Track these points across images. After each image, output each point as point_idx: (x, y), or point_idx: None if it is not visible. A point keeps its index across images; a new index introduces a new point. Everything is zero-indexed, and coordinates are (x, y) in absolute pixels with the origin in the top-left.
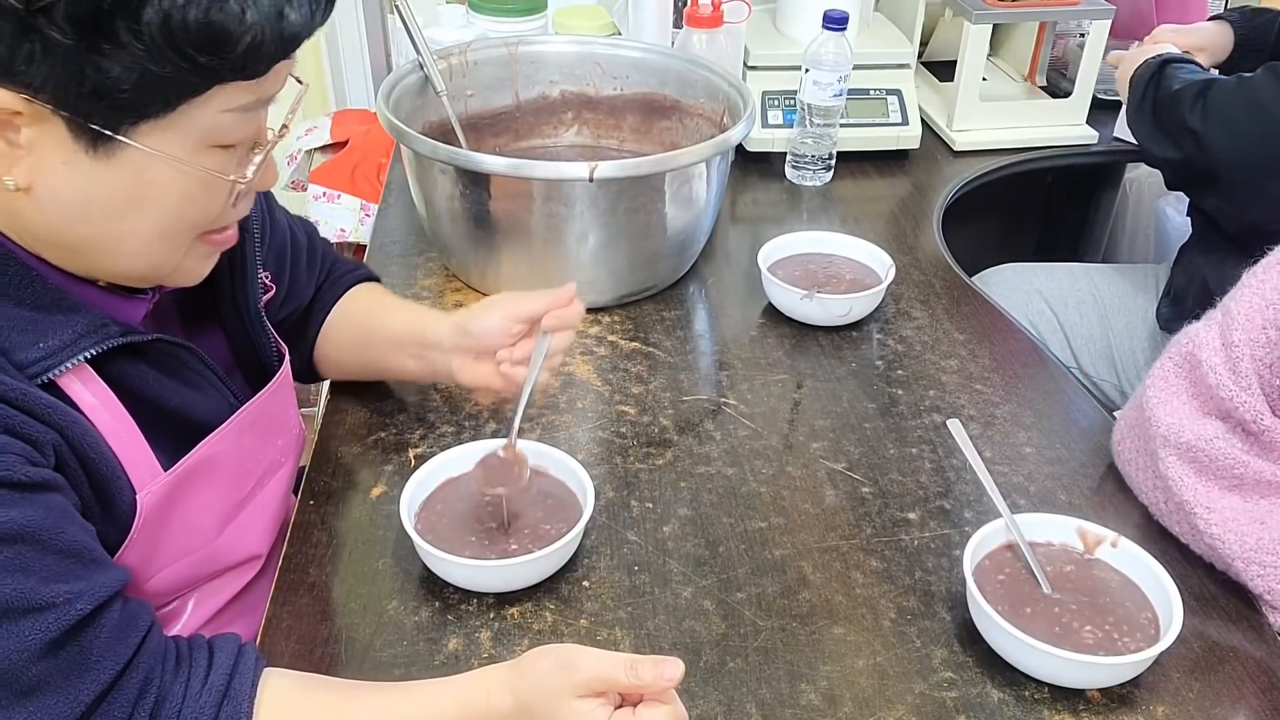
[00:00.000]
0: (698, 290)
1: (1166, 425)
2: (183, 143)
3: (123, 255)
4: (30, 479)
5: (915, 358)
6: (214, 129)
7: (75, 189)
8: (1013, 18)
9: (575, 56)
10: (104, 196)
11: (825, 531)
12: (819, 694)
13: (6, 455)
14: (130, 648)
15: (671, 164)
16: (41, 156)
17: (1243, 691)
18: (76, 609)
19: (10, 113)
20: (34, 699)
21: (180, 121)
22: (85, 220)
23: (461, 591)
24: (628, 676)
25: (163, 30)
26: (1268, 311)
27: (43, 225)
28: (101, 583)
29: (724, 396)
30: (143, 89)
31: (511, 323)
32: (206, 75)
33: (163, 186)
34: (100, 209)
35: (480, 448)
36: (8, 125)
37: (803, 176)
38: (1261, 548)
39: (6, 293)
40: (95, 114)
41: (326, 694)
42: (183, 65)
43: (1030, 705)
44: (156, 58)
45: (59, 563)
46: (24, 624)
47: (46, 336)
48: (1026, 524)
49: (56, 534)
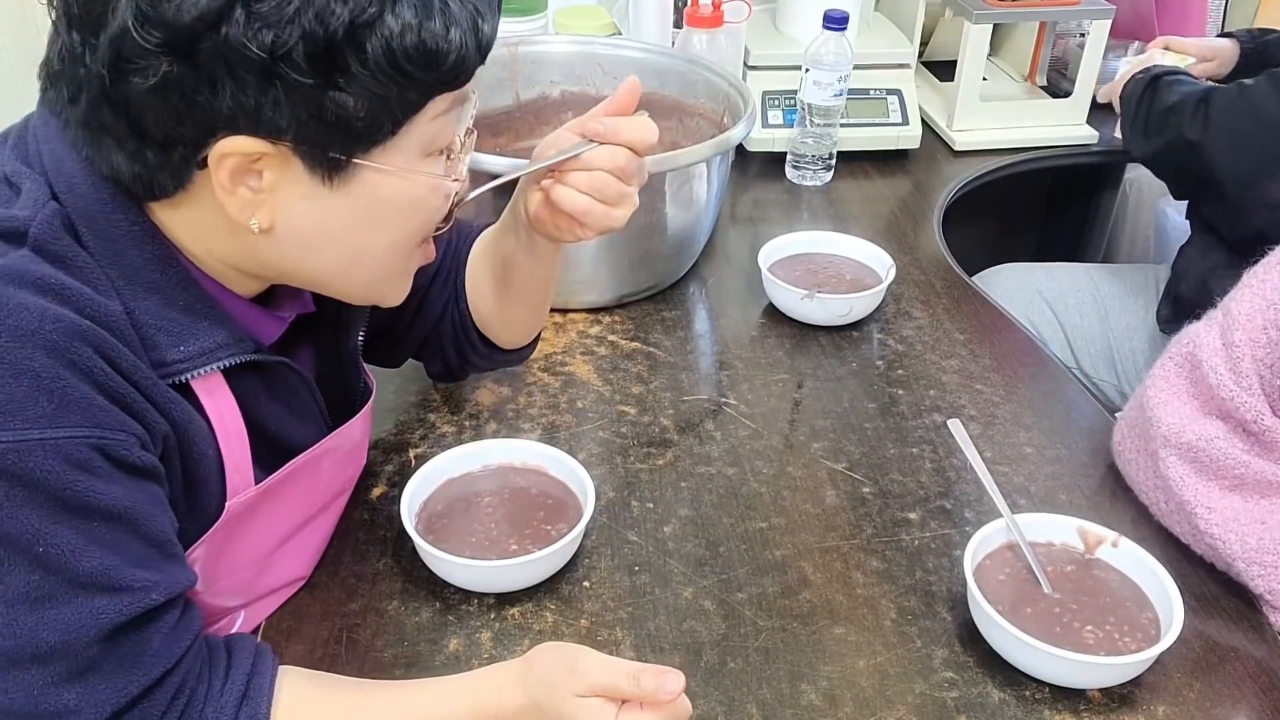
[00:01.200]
0: (698, 290)
1: (1167, 425)
2: (406, 156)
3: (355, 274)
4: (141, 463)
5: (916, 358)
6: (428, 136)
7: (314, 221)
8: (1013, 17)
9: (575, 56)
10: (342, 223)
11: (826, 531)
12: (819, 694)
13: (128, 435)
14: (180, 650)
15: (672, 164)
16: (282, 197)
17: (1243, 691)
18: (151, 598)
19: (255, 158)
20: (85, 681)
21: (403, 138)
22: (323, 249)
23: (462, 592)
24: (630, 685)
25: (386, 56)
26: (1268, 312)
27: (283, 260)
28: (176, 578)
29: (724, 396)
30: (374, 113)
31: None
32: (424, 91)
33: (393, 201)
34: (338, 236)
35: (481, 448)
36: (250, 172)
37: (803, 176)
38: (1262, 548)
39: (163, 291)
40: (333, 145)
41: (341, 692)
42: (404, 85)
43: (1031, 705)
44: (383, 82)
45: (145, 549)
46: (99, 601)
47: (190, 340)
48: (1027, 524)
49: (150, 520)
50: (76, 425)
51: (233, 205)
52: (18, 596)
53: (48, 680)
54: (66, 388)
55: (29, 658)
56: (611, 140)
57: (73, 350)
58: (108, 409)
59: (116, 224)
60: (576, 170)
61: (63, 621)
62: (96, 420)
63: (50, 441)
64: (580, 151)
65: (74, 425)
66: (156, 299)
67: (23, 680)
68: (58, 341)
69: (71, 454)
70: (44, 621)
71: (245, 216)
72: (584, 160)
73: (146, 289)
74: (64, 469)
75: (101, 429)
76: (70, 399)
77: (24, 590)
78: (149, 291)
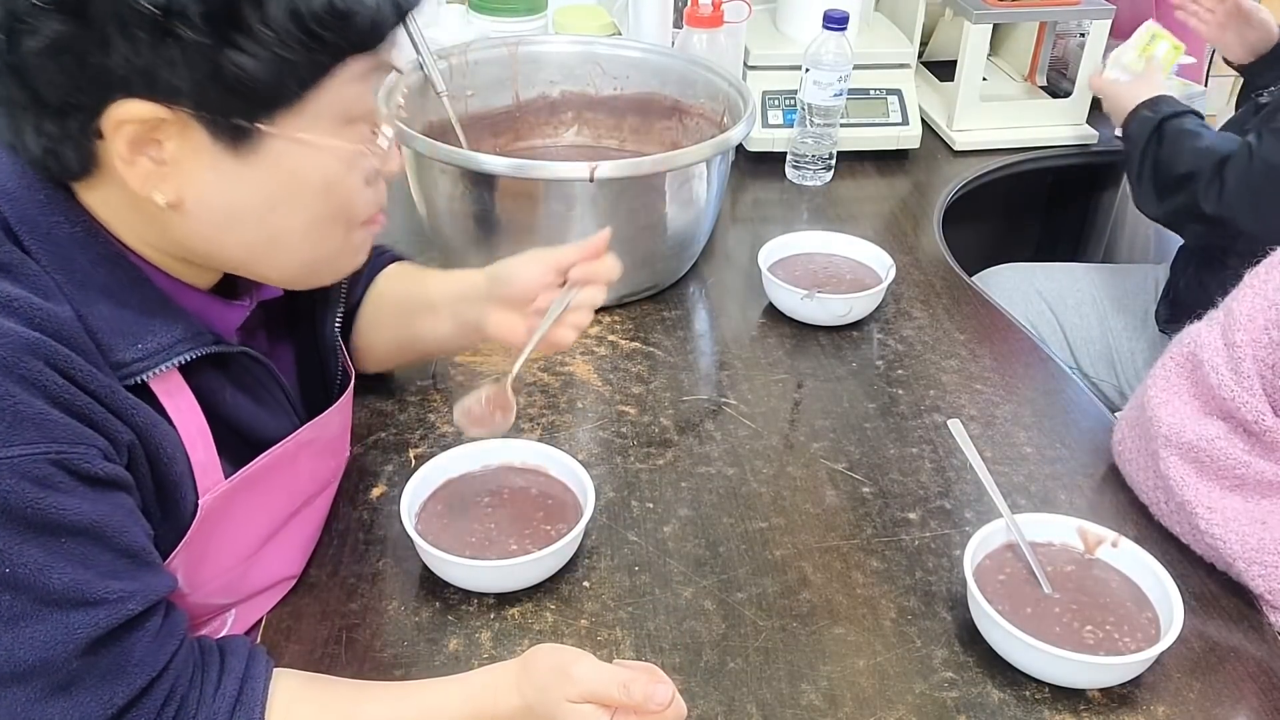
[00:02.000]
0: (698, 290)
1: (1168, 425)
2: (316, 125)
3: (279, 256)
4: (105, 474)
5: (916, 357)
6: (341, 105)
7: (223, 195)
8: (1013, 17)
9: (575, 56)
10: (251, 197)
11: (826, 531)
12: (819, 694)
13: (88, 448)
14: (166, 656)
15: (672, 164)
16: (187, 169)
17: (1243, 691)
18: (127, 609)
19: (153, 125)
20: (69, 695)
21: (311, 104)
22: (238, 225)
23: (462, 592)
24: (620, 694)
25: (291, 15)
26: (1270, 312)
27: (199, 239)
28: (153, 586)
29: (724, 396)
30: (276, 76)
31: (545, 271)
32: (334, 53)
33: (305, 174)
34: (250, 210)
35: (481, 448)
36: (151, 142)
37: (803, 176)
38: (1263, 548)
39: (114, 293)
40: (235, 111)
41: (336, 694)
42: (311, 46)
43: (1031, 705)
44: (287, 43)
45: (117, 560)
46: (73, 617)
47: (145, 339)
48: (1027, 524)
49: (120, 532)
50: (32, 442)
51: (134, 178)
52: None
53: (30, 698)
54: (18, 404)
55: (9, 677)
56: (594, 283)
57: (21, 365)
58: (64, 422)
59: (57, 226)
60: (568, 314)
61: (39, 639)
62: (53, 435)
63: (6, 460)
64: (569, 301)
65: (29, 442)
66: (108, 301)
67: (5, 700)
68: (5, 357)
69: (29, 471)
70: (20, 641)
71: (149, 190)
72: (574, 304)
73: (97, 292)
74: (24, 487)
75: (59, 443)
76: (23, 415)
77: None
78: (99, 294)
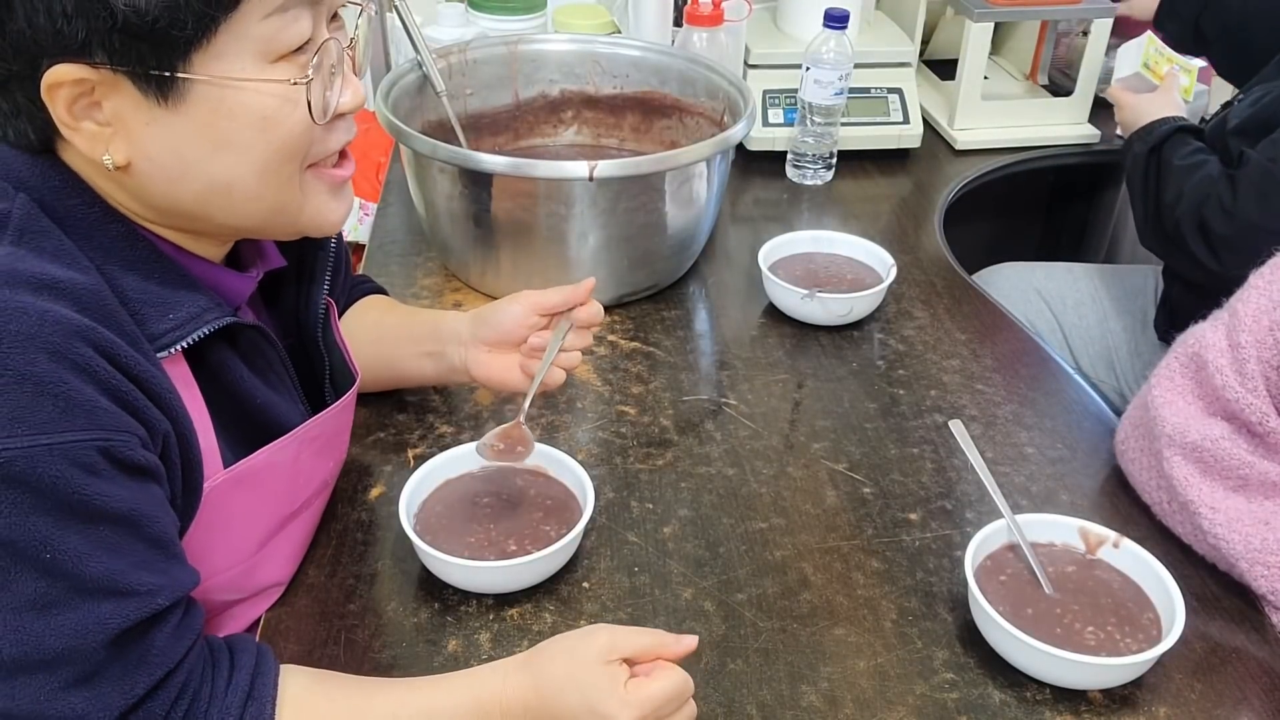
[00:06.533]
0: (698, 290)
1: (1171, 425)
2: (241, 63)
3: (239, 204)
4: (142, 463)
5: (916, 357)
6: (263, 40)
7: (164, 147)
8: (1015, 16)
9: (575, 55)
10: (192, 145)
11: (826, 532)
12: (820, 695)
13: (130, 435)
14: (183, 649)
15: (672, 163)
16: (129, 126)
17: (1245, 692)
18: (156, 602)
19: (86, 87)
20: (92, 685)
21: (228, 43)
22: (189, 176)
23: (461, 593)
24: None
25: None
26: (1274, 313)
27: (156, 195)
28: (180, 580)
29: (724, 396)
30: (171, 13)
31: (530, 313)
32: None
33: (238, 115)
34: (195, 159)
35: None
36: (91, 105)
37: (803, 175)
38: (1266, 548)
39: (137, 267)
40: (150, 60)
41: (344, 690)
42: None
43: (1032, 706)
44: None
45: (148, 551)
46: (105, 607)
47: (175, 309)
48: (1028, 524)
49: (152, 522)
50: (83, 428)
51: (81, 141)
52: (24, 604)
53: (55, 686)
54: (70, 390)
55: (36, 664)
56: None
57: (74, 351)
58: (111, 410)
59: (75, 209)
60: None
61: (70, 628)
62: (101, 422)
63: (58, 446)
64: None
65: (80, 429)
66: (134, 275)
67: (29, 686)
68: (59, 344)
69: (78, 457)
70: (51, 628)
71: (98, 152)
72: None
73: (123, 267)
74: (72, 473)
75: (106, 430)
76: (75, 402)
77: (31, 597)
78: (125, 269)
